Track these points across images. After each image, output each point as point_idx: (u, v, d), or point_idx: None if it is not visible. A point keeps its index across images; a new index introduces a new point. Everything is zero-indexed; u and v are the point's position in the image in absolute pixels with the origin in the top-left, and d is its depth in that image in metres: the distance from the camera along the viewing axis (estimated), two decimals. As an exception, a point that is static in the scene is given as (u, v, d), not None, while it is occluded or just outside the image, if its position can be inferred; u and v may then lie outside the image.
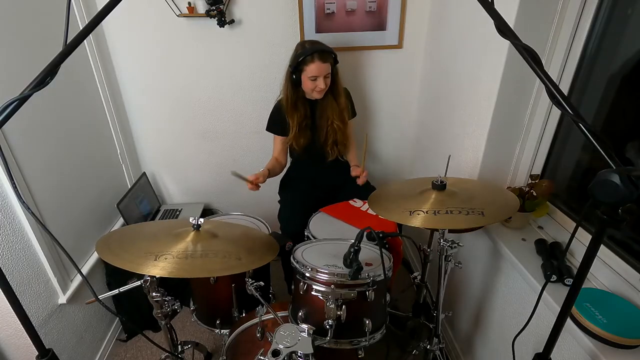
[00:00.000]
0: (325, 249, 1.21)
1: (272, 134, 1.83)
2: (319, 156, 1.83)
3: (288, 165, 1.95)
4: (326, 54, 1.55)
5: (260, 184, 1.59)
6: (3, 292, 0.74)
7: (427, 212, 1.04)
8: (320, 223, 1.58)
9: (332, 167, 1.89)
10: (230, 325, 1.42)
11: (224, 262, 1.00)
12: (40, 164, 1.49)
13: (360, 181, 1.65)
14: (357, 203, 1.71)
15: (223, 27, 1.84)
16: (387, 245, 1.40)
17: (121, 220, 2.01)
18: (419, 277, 1.50)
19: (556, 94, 0.61)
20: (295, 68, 1.57)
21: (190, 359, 1.77)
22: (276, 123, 1.78)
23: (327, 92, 1.67)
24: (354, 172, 1.72)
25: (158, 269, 0.93)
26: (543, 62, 0.82)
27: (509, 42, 0.66)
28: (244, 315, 1.42)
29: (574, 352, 1.02)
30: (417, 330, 1.70)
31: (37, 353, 0.83)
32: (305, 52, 1.53)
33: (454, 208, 1.04)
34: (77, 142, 1.74)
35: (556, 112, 1.29)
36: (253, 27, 1.93)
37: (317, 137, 1.79)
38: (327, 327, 1.04)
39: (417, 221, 1.02)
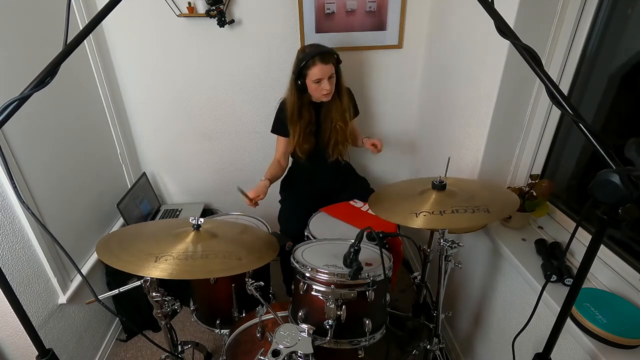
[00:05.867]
0: (325, 249, 1.21)
1: (275, 135, 1.82)
2: (320, 158, 1.82)
3: (289, 165, 1.95)
4: (327, 55, 1.54)
5: (259, 202, 1.59)
6: (3, 292, 0.74)
7: (432, 213, 1.03)
8: (320, 223, 1.58)
9: (334, 169, 1.89)
10: (230, 325, 1.43)
11: (224, 263, 1.00)
12: (40, 164, 1.49)
13: (378, 149, 1.69)
14: (357, 204, 1.71)
15: (223, 27, 1.84)
16: (387, 245, 1.40)
17: (121, 220, 2.01)
18: (419, 277, 1.50)
19: (556, 94, 0.61)
20: (299, 74, 1.56)
21: (190, 359, 1.77)
22: (282, 124, 1.76)
23: (333, 93, 1.65)
24: (368, 144, 1.73)
25: (159, 270, 0.92)
26: (543, 62, 0.82)
27: (509, 42, 0.66)
28: (244, 315, 1.42)
29: (574, 352, 1.02)
30: (417, 330, 1.69)
31: (37, 353, 0.83)
32: (306, 57, 1.52)
33: (460, 207, 1.03)
34: (77, 142, 1.74)
35: (556, 112, 1.29)
36: (253, 27, 1.93)
37: (320, 140, 1.78)
38: (327, 327, 1.04)
39: (422, 222, 1.01)
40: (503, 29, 0.66)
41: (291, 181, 1.96)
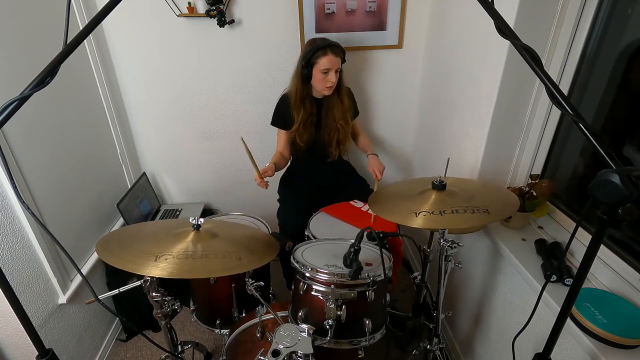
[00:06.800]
0: (325, 249, 1.21)
1: (276, 128, 1.83)
2: (321, 155, 1.83)
3: (289, 164, 1.95)
4: (337, 48, 1.58)
5: (268, 181, 1.58)
6: (3, 292, 0.74)
7: (432, 213, 1.03)
8: (321, 223, 1.58)
9: (333, 168, 1.89)
10: (230, 325, 1.43)
11: (224, 263, 1.00)
12: (40, 164, 1.49)
13: (378, 178, 1.66)
14: (357, 204, 1.71)
15: (223, 27, 1.84)
16: (387, 245, 1.40)
17: (121, 220, 2.01)
18: (419, 277, 1.50)
19: (556, 94, 0.61)
20: (308, 62, 1.59)
21: (190, 359, 1.77)
22: (281, 117, 1.78)
23: (334, 90, 1.68)
24: (371, 167, 1.70)
25: (158, 269, 0.92)
26: (543, 62, 0.82)
27: (509, 42, 0.66)
28: (244, 315, 1.42)
29: (574, 352, 1.02)
30: (417, 330, 1.69)
31: (37, 353, 0.83)
32: (318, 46, 1.56)
33: (460, 207, 1.03)
34: (77, 142, 1.74)
35: (556, 112, 1.29)
36: (253, 27, 1.94)
37: (321, 136, 1.79)
38: (327, 327, 1.04)
39: (422, 222, 1.01)
40: (503, 29, 0.66)
41: (290, 180, 1.96)
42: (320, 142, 1.79)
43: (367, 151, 1.82)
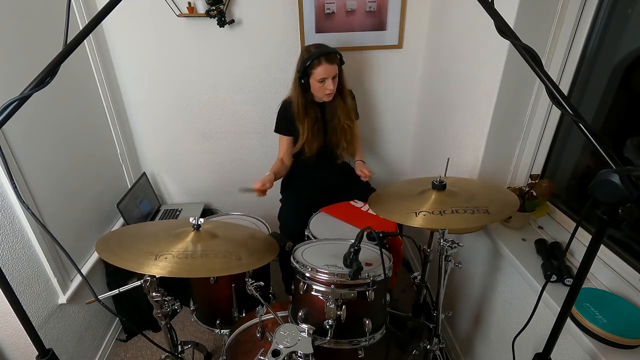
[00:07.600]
0: (325, 249, 1.21)
1: (279, 134, 1.82)
2: (328, 157, 1.83)
3: (291, 164, 1.94)
4: (332, 55, 1.56)
5: (267, 190, 1.60)
6: (3, 292, 0.74)
7: (432, 213, 1.03)
8: (321, 223, 1.58)
9: (336, 168, 1.89)
10: (230, 325, 1.43)
11: (224, 262, 1.00)
12: (40, 164, 1.49)
13: (364, 178, 1.71)
14: (357, 204, 1.71)
15: (223, 27, 1.84)
16: (387, 245, 1.40)
17: (121, 220, 2.01)
18: (419, 277, 1.50)
19: (556, 94, 0.61)
20: (304, 73, 1.58)
21: (190, 359, 1.77)
22: (284, 124, 1.77)
23: (336, 93, 1.67)
24: (358, 170, 1.75)
25: (158, 268, 0.93)
26: (543, 62, 0.82)
27: (509, 42, 0.66)
28: (244, 315, 1.42)
29: (574, 352, 1.02)
30: (417, 330, 1.69)
31: (37, 353, 0.83)
32: (312, 56, 1.54)
33: (460, 207, 1.03)
34: (77, 142, 1.74)
35: (556, 112, 1.29)
36: (253, 27, 1.94)
37: (328, 139, 1.79)
38: (327, 327, 1.04)
39: (422, 222, 1.02)
40: (503, 29, 0.66)
41: (292, 180, 1.96)
42: (328, 145, 1.79)
43: (356, 157, 1.86)
